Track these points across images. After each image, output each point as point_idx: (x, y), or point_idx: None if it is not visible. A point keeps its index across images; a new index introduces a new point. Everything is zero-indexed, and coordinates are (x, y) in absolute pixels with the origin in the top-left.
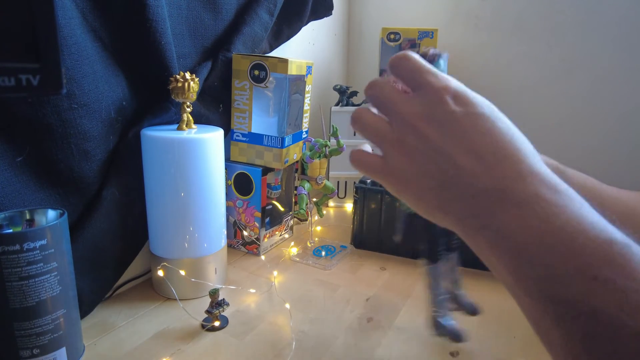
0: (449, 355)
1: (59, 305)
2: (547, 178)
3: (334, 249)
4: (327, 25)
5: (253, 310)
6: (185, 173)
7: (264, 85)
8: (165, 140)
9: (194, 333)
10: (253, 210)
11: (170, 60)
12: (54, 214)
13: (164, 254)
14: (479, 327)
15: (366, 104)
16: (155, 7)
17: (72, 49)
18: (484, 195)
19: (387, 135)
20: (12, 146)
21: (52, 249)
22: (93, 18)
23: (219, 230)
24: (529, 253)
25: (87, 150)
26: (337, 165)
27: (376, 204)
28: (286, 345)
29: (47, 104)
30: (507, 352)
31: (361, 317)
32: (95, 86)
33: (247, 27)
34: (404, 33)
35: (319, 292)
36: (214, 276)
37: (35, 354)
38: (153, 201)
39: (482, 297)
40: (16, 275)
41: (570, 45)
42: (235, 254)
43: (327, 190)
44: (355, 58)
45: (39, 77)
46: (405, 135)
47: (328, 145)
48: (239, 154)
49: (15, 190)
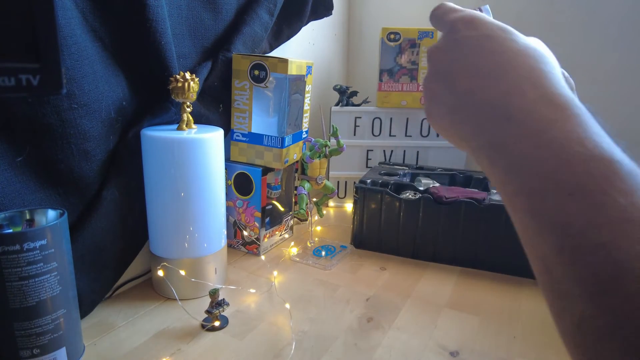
0: (449, 355)
1: (59, 305)
2: (549, 92)
3: (334, 249)
4: (327, 25)
5: (253, 310)
6: (185, 173)
7: (264, 85)
8: (165, 140)
9: (194, 333)
10: (253, 210)
11: (170, 60)
12: (54, 214)
13: (164, 254)
14: (479, 327)
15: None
16: (155, 7)
17: (72, 49)
18: (483, 113)
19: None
20: (12, 146)
21: (52, 249)
22: (93, 18)
23: (219, 230)
24: (518, 167)
25: (87, 150)
26: (337, 165)
27: (376, 204)
28: (286, 345)
29: (47, 104)
30: (507, 352)
31: (361, 317)
32: (95, 86)
33: (247, 27)
34: (404, 33)
35: (319, 292)
36: (214, 276)
37: (35, 354)
38: (153, 201)
39: (482, 297)
40: (16, 275)
41: (571, 45)
42: (235, 254)
43: (327, 190)
44: (355, 58)
45: (39, 77)
46: (428, 70)
47: (328, 145)
48: (239, 154)
49: (15, 190)
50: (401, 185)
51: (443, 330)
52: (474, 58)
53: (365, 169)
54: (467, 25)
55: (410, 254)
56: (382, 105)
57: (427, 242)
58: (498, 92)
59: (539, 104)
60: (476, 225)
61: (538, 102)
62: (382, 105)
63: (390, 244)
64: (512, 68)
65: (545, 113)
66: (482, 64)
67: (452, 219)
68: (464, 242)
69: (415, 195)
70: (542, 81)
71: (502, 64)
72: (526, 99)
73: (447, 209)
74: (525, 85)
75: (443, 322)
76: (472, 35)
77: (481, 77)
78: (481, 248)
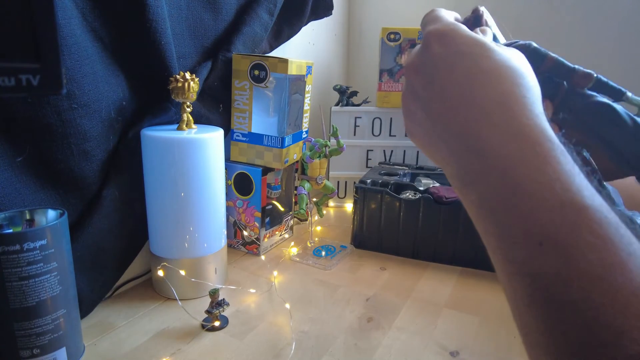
0: (449, 355)
1: (59, 305)
2: (519, 123)
3: (334, 249)
4: (327, 25)
5: (253, 310)
6: (185, 173)
7: (264, 85)
8: (165, 140)
9: (194, 333)
10: (253, 210)
11: (170, 60)
12: (54, 214)
13: (164, 254)
14: (479, 327)
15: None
16: (155, 7)
17: (72, 49)
18: (453, 142)
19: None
20: (12, 146)
21: (52, 249)
22: (93, 18)
23: (219, 230)
24: (487, 206)
25: (87, 150)
26: (337, 165)
27: (376, 204)
28: (286, 345)
29: (47, 104)
30: (507, 352)
31: (361, 317)
32: (95, 86)
33: (247, 27)
34: (404, 33)
35: (319, 292)
36: (214, 276)
37: (35, 354)
38: (153, 201)
39: (482, 297)
40: (16, 275)
41: (571, 45)
42: (235, 254)
43: (327, 190)
44: (355, 58)
45: (39, 77)
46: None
47: (328, 145)
48: (239, 154)
49: (15, 190)
50: (401, 185)
51: (443, 330)
52: (443, 80)
53: (365, 169)
54: (439, 41)
55: (410, 254)
56: (382, 105)
57: (427, 242)
58: (466, 120)
59: (509, 138)
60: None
61: (507, 135)
62: (382, 105)
63: (390, 244)
64: (484, 93)
65: (513, 148)
66: (452, 87)
67: (452, 219)
68: (464, 242)
69: (415, 195)
70: (513, 108)
71: (472, 88)
72: (494, 131)
73: (447, 209)
74: (495, 114)
75: (443, 322)
76: (443, 52)
77: (450, 101)
78: (481, 248)
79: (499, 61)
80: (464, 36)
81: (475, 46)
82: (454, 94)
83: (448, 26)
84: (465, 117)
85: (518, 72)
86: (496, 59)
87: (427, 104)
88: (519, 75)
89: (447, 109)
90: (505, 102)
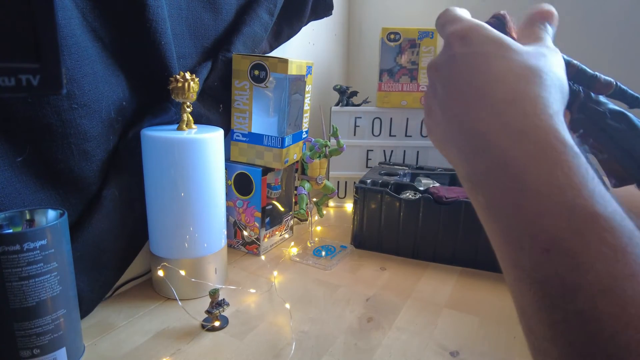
0: (449, 355)
1: (59, 305)
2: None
3: (334, 249)
4: (327, 25)
5: (253, 310)
6: (185, 173)
7: (264, 85)
8: (165, 140)
9: (194, 333)
10: (253, 210)
11: (170, 60)
12: (54, 214)
13: (164, 254)
14: (479, 327)
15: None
16: (155, 7)
17: (72, 49)
18: (466, 142)
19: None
20: (12, 146)
21: (52, 249)
22: (93, 18)
23: (219, 230)
24: (496, 209)
25: (87, 150)
26: (337, 165)
27: (376, 204)
28: (286, 345)
29: (47, 104)
30: (507, 352)
31: (361, 317)
32: (95, 86)
33: (247, 27)
34: (404, 33)
35: (319, 292)
36: (214, 276)
37: (35, 354)
38: (153, 201)
39: (482, 297)
40: (16, 276)
41: (571, 45)
42: (235, 254)
43: (327, 190)
44: (355, 58)
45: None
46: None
47: (328, 145)
48: (239, 154)
49: (15, 190)
50: (401, 185)
51: (443, 330)
52: (463, 79)
53: (365, 169)
54: (460, 41)
55: (410, 254)
56: (382, 105)
57: (427, 242)
58: (477, 120)
59: (519, 139)
60: (476, 225)
61: (519, 136)
62: (382, 105)
63: (390, 244)
64: (495, 91)
65: (525, 150)
66: (469, 87)
67: (452, 219)
68: (464, 242)
69: (415, 195)
70: (526, 107)
71: (488, 87)
72: (504, 131)
73: (447, 209)
74: (505, 113)
75: (443, 322)
76: (464, 52)
77: (466, 101)
78: (481, 248)
79: (515, 60)
80: (486, 35)
81: (496, 46)
82: (467, 93)
83: (469, 26)
84: (476, 116)
85: (536, 71)
86: (513, 58)
87: (444, 103)
88: (536, 74)
89: (461, 108)
90: (516, 101)
